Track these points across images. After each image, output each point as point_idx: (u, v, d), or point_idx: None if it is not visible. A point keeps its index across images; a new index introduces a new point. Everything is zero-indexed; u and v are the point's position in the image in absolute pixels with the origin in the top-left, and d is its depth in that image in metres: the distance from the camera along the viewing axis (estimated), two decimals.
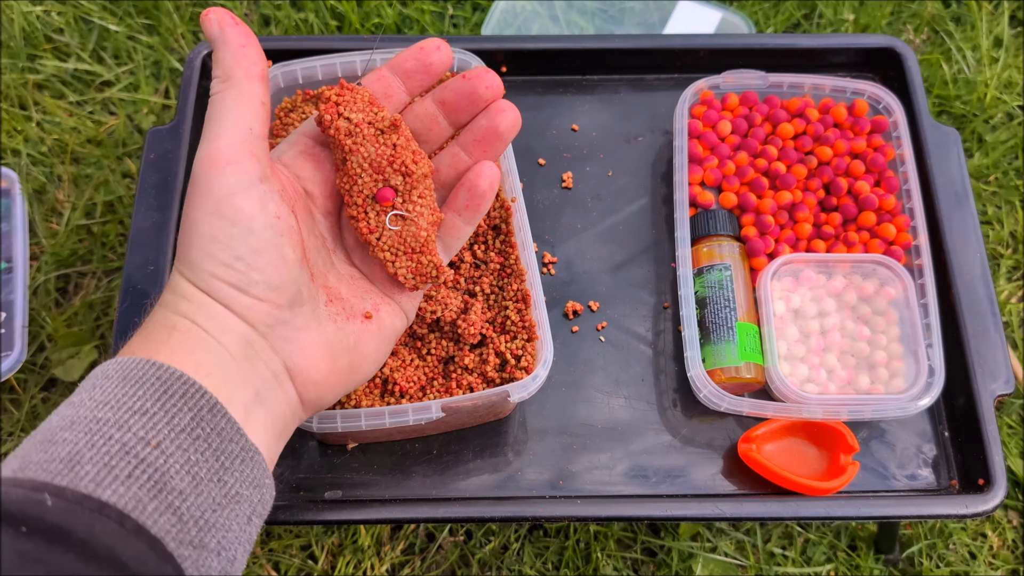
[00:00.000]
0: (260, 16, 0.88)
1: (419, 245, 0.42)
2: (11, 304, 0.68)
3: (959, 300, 0.56)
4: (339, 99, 0.40)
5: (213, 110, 0.37)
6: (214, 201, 0.36)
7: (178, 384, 0.33)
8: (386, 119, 0.41)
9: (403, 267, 0.42)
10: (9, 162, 0.80)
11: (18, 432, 0.71)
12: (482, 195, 0.43)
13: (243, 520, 0.34)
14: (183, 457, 0.32)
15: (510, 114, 0.42)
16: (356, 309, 0.41)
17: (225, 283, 0.36)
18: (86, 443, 0.31)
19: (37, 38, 0.85)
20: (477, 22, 0.87)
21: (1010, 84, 0.85)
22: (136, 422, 0.32)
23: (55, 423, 0.32)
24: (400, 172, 0.41)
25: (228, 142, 0.36)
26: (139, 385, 0.33)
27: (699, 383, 0.52)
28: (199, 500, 0.32)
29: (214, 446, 0.33)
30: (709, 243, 0.56)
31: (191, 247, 0.36)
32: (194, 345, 0.35)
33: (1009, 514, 0.70)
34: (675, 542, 0.68)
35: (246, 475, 0.34)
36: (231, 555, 0.33)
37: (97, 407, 0.32)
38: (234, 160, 0.36)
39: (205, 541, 0.32)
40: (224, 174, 0.36)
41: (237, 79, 0.37)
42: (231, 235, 0.36)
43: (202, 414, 0.33)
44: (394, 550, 0.68)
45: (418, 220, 0.41)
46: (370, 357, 0.42)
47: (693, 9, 0.83)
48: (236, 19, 0.38)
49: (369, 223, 0.41)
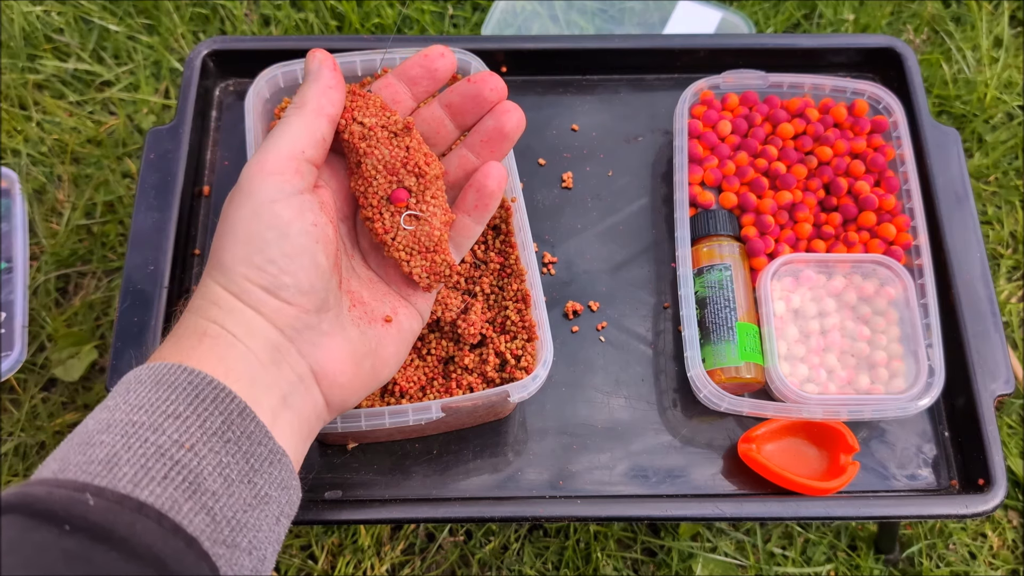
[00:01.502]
0: (260, 16, 0.88)
1: (433, 244, 0.43)
2: (11, 304, 0.68)
3: (959, 300, 0.56)
4: (352, 104, 0.42)
5: (276, 129, 0.39)
6: (253, 206, 0.37)
7: (209, 389, 0.34)
8: (399, 122, 0.42)
9: (418, 266, 0.43)
10: (9, 162, 0.80)
11: (18, 432, 0.71)
12: (491, 194, 0.44)
13: (272, 520, 0.35)
14: (215, 459, 0.33)
15: (515, 114, 0.43)
16: (377, 313, 0.42)
17: (256, 285, 0.37)
18: (123, 445, 0.32)
19: (37, 38, 0.85)
20: (477, 22, 0.87)
21: (1010, 84, 0.85)
22: (170, 425, 0.33)
23: (91, 426, 0.33)
24: (413, 173, 0.42)
25: (277, 156, 0.38)
26: (172, 389, 0.34)
27: (699, 383, 0.52)
28: (231, 501, 0.33)
29: (244, 449, 0.34)
30: (709, 243, 0.56)
31: (225, 249, 0.37)
32: (224, 351, 0.36)
33: (1009, 514, 0.70)
34: (675, 542, 0.68)
35: (274, 477, 0.35)
36: (262, 554, 0.34)
37: (132, 411, 0.33)
38: (279, 172, 0.38)
39: (237, 540, 0.33)
40: (267, 183, 0.37)
41: (309, 110, 0.40)
42: (266, 239, 0.37)
43: (232, 418, 0.34)
44: (394, 550, 0.68)
45: (432, 220, 0.42)
46: (391, 359, 0.43)
47: (693, 9, 0.83)
48: (335, 64, 0.41)
49: (384, 223, 0.42)
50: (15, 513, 0.29)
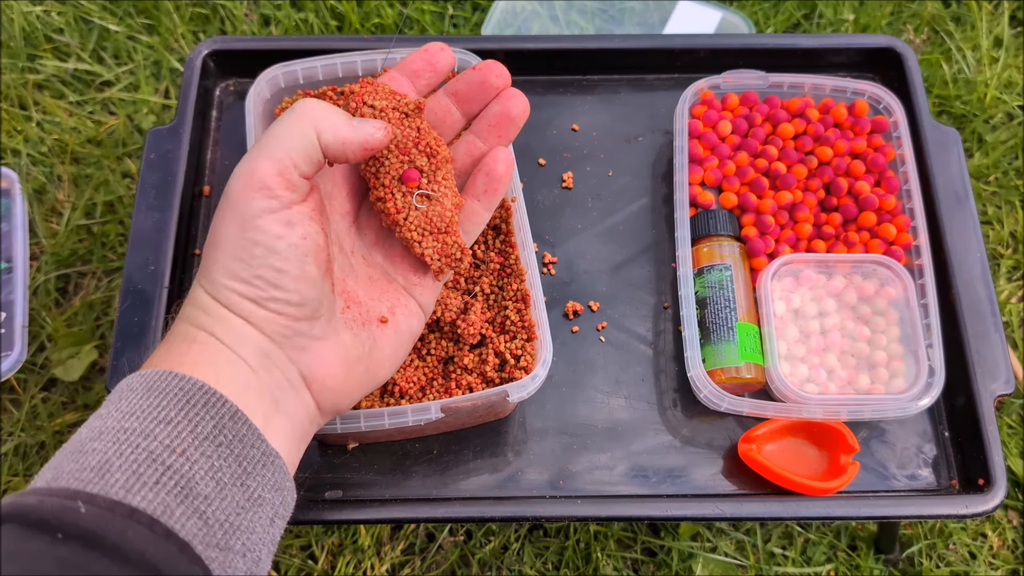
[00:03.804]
0: (260, 16, 0.88)
1: (444, 225, 0.43)
2: (11, 304, 0.68)
3: (959, 300, 0.56)
4: (362, 90, 0.42)
5: (274, 127, 0.38)
6: (240, 220, 0.37)
7: (200, 394, 0.34)
8: (410, 103, 0.42)
9: (429, 247, 0.43)
10: (9, 162, 0.80)
11: (18, 432, 0.71)
12: (499, 179, 0.44)
13: (266, 522, 0.35)
14: (207, 463, 0.33)
15: (520, 100, 0.44)
16: (372, 313, 0.42)
17: (244, 298, 0.37)
18: (115, 452, 0.32)
19: (37, 38, 0.85)
20: (477, 22, 0.87)
21: (1010, 84, 0.85)
22: (161, 431, 0.33)
23: (84, 435, 0.33)
24: (425, 153, 0.42)
25: (268, 168, 0.37)
26: (163, 396, 0.34)
27: (699, 383, 0.52)
28: (223, 504, 0.33)
29: (236, 452, 0.34)
30: (709, 243, 0.56)
31: (213, 262, 0.37)
32: (213, 357, 0.36)
33: (1009, 514, 0.70)
34: (675, 542, 0.68)
35: (267, 479, 0.35)
36: (256, 556, 0.34)
37: (124, 418, 0.33)
38: (267, 187, 0.37)
39: (231, 543, 0.33)
40: (255, 198, 0.36)
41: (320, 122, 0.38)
42: (253, 255, 0.37)
43: (224, 422, 0.34)
44: (394, 550, 0.68)
45: (443, 200, 0.43)
46: (387, 360, 0.43)
47: (693, 9, 0.83)
48: (388, 129, 0.40)
49: (396, 203, 0.42)
50: (11, 523, 0.29)
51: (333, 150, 0.38)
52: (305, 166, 0.38)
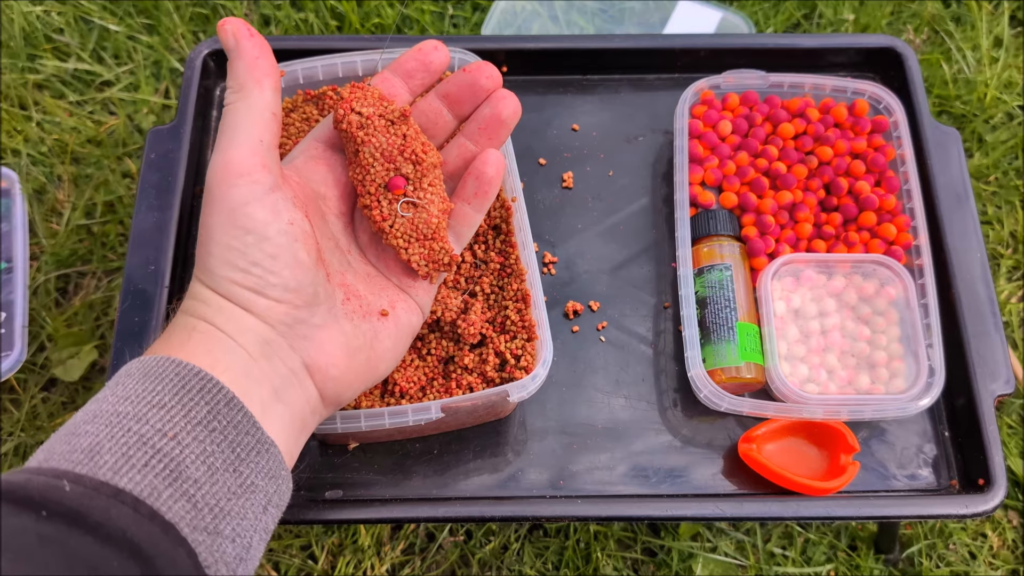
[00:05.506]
0: (260, 16, 0.88)
1: (431, 232, 0.43)
2: (11, 304, 0.68)
3: (959, 300, 0.56)
4: (351, 96, 0.42)
5: (226, 121, 0.39)
6: (228, 211, 0.37)
7: (195, 380, 0.35)
8: (396, 111, 0.43)
9: (416, 253, 0.43)
10: (9, 162, 0.80)
11: (18, 432, 0.71)
12: (489, 181, 0.44)
13: (258, 509, 0.35)
14: (199, 448, 0.33)
15: (511, 101, 0.44)
16: (373, 306, 0.42)
17: (243, 287, 0.37)
18: (106, 435, 0.32)
19: (37, 38, 0.85)
20: (477, 22, 0.87)
21: (1010, 84, 0.85)
22: (154, 415, 0.33)
23: (79, 418, 0.34)
24: (411, 160, 0.42)
25: (239, 154, 0.38)
26: (158, 380, 0.34)
27: (699, 383, 0.52)
28: (214, 489, 0.33)
29: (230, 438, 0.34)
30: (709, 243, 0.56)
31: (209, 255, 0.37)
32: (212, 345, 0.36)
33: (1009, 514, 0.70)
34: (675, 542, 0.68)
35: (261, 466, 0.35)
36: (246, 542, 0.34)
37: (118, 402, 0.34)
38: (246, 172, 0.37)
39: (220, 528, 0.33)
40: (237, 185, 0.37)
41: (248, 90, 0.39)
42: (246, 242, 0.37)
43: (218, 408, 0.35)
44: (394, 550, 0.68)
45: (429, 207, 0.43)
46: (387, 354, 0.43)
47: (693, 9, 0.83)
48: (252, 30, 0.40)
49: (382, 211, 0.42)
50: None
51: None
52: (267, 135, 0.38)
